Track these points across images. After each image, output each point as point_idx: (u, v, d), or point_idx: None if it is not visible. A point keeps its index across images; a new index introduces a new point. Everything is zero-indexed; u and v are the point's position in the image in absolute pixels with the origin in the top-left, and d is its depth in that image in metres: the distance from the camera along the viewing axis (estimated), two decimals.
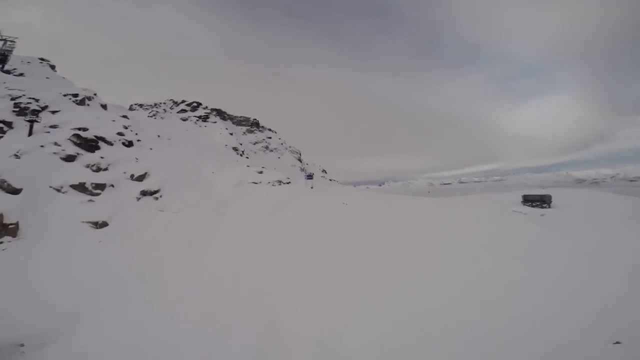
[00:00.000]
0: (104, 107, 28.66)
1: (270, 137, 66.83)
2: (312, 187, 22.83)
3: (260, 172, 23.49)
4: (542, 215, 14.30)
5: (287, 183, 22.27)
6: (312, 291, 10.42)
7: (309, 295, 10.20)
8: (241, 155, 53.55)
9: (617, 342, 7.18)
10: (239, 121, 69.06)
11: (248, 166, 28.18)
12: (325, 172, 67.79)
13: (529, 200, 15.99)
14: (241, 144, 59.83)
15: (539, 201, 15.40)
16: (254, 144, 64.80)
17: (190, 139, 44.67)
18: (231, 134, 57.06)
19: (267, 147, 63.87)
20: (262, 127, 72.64)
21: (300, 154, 67.32)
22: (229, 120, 66.14)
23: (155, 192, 18.64)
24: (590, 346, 7.16)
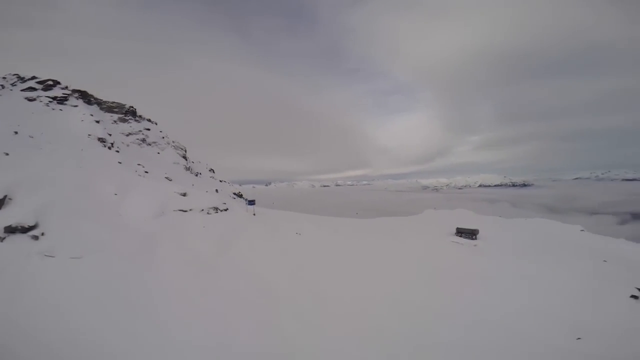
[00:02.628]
0: None
1: (148, 129, 56.30)
2: (254, 214, 20.29)
3: (184, 195, 19.23)
4: (475, 245, 16.93)
5: (225, 210, 19.02)
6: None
7: None
8: (109, 148, 43.86)
9: (579, 338, 9.05)
10: (109, 107, 55.97)
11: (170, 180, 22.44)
12: (214, 172, 62.59)
13: (461, 232, 18.74)
14: (110, 135, 49.13)
15: (470, 233, 18.27)
16: (127, 135, 53.84)
17: (36, 125, 33.03)
18: (97, 121, 45.87)
19: (144, 140, 53.65)
20: (140, 116, 61.17)
21: (185, 150, 59.70)
22: (95, 106, 52.84)
23: (32, 227, 12.63)
24: (556, 342, 8.99)
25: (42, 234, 12.70)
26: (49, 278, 10.51)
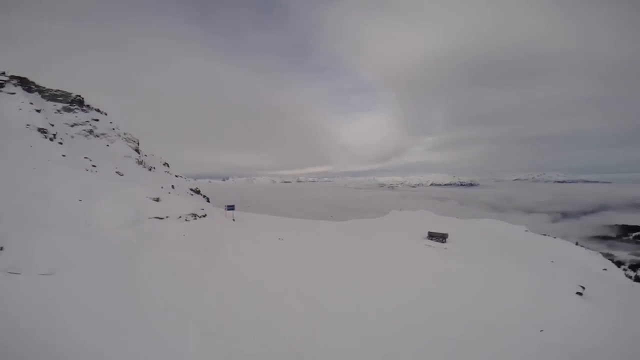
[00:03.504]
0: None
1: (97, 120, 51.61)
2: (234, 220, 19.80)
3: (157, 200, 18.14)
4: (446, 248, 18.46)
5: (203, 216, 18.31)
6: None
7: None
8: (51, 139, 40.34)
9: (542, 331, 10.58)
10: (52, 95, 50.56)
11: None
12: (168, 166, 59.47)
13: (433, 236, 20.26)
14: (53, 125, 45.13)
15: (441, 237, 19.83)
16: (72, 125, 49.38)
17: None
18: (38, 110, 41.75)
19: (91, 132, 49.23)
20: (88, 106, 56.15)
21: (138, 143, 55.82)
22: (37, 93, 47.67)
23: None
24: (525, 334, 10.48)
25: (1, 248, 11.37)
26: (19, 298, 9.49)
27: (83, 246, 12.74)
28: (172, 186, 44.45)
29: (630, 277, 23.67)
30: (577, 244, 28.85)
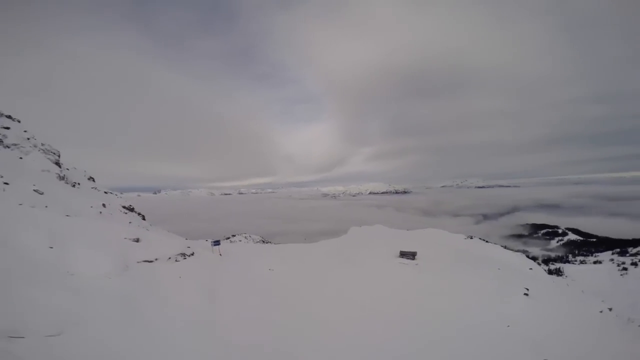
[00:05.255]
0: None
1: (7, 128, 45.22)
2: (220, 255, 19.59)
3: (137, 241, 17.16)
4: (417, 264, 21.21)
5: (191, 255, 17.83)
6: None
7: None
8: None
9: (508, 326, 13.51)
10: None
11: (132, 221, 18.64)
12: (94, 181, 54.00)
13: (404, 254, 22.93)
14: None
15: (411, 255, 22.60)
16: None
17: None
18: None
19: (0, 142, 43.42)
20: None
21: (59, 155, 49.99)
22: None
23: None
24: (496, 328, 13.32)
25: None
26: None
27: (79, 301, 11.86)
28: (103, 205, 40.41)
29: (546, 272, 29.49)
30: (505, 247, 34.74)
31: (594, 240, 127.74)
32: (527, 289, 17.21)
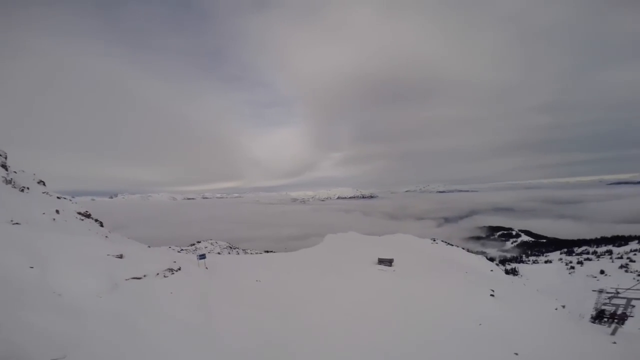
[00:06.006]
0: None
1: None
2: (207, 268, 19.54)
3: (121, 257, 16.68)
4: (394, 271, 22.78)
5: (178, 269, 17.65)
6: None
7: None
8: None
9: (480, 324, 15.24)
10: None
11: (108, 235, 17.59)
12: (45, 184, 50.13)
13: (382, 261, 24.42)
14: None
15: (388, 262, 24.15)
16: None
17: None
18: None
19: None
20: None
21: (5, 157, 45.97)
22: None
23: None
24: (469, 327, 15.04)
25: None
26: None
27: (77, 322, 11.60)
28: (57, 211, 37.54)
29: (504, 272, 32.58)
30: (468, 250, 37.83)
31: (544, 241, 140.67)
32: (493, 290, 19.43)
